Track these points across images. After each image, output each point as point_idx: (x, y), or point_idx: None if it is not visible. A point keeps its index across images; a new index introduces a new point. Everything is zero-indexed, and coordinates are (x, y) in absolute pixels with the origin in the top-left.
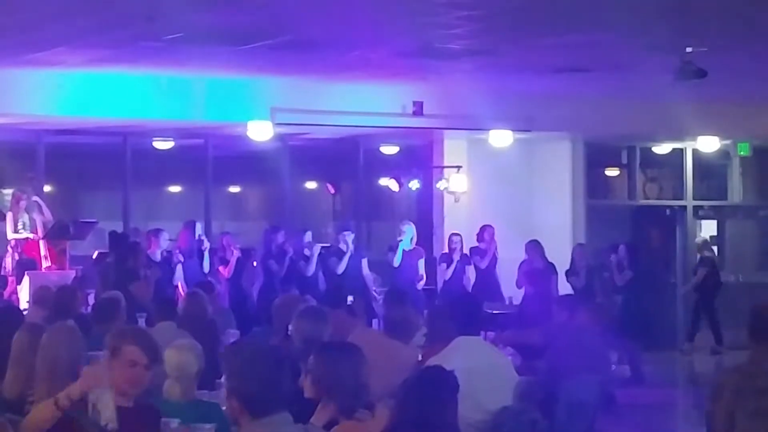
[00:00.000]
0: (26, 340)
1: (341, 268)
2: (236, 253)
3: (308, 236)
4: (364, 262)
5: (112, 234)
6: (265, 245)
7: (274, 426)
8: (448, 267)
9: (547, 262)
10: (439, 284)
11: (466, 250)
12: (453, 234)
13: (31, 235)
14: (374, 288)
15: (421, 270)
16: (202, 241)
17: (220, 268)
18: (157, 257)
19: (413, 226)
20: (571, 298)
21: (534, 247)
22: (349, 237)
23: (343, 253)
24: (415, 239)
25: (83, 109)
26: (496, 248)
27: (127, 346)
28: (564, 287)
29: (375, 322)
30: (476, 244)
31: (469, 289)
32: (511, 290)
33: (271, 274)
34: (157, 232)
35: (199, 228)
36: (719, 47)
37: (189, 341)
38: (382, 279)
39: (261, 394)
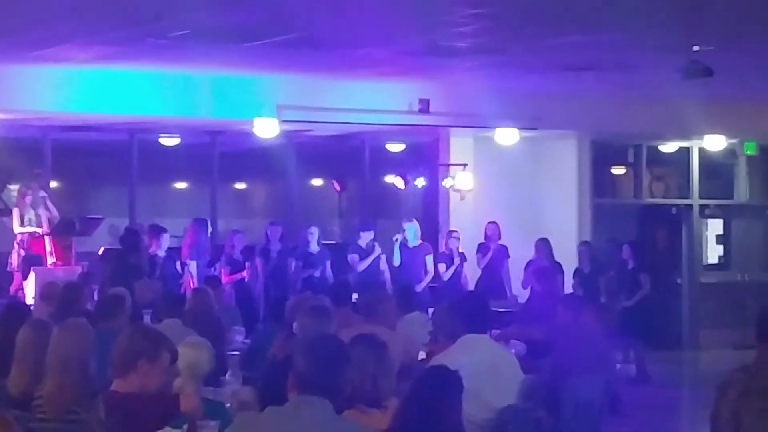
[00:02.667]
0: (31, 336)
1: (363, 267)
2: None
3: (314, 232)
4: (383, 258)
5: (125, 232)
6: (265, 242)
7: (313, 406)
8: (448, 267)
9: (554, 262)
10: (440, 283)
11: (462, 248)
12: (451, 231)
13: (38, 230)
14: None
15: (429, 266)
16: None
17: (249, 267)
18: (161, 255)
19: (416, 223)
20: (576, 297)
21: (543, 245)
22: (370, 235)
23: (366, 251)
24: (419, 235)
25: (90, 105)
26: (496, 245)
27: (164, 352)
28: (570, 286)
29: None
30: (482, 241)
31: (468, 286)
32: (519, 288)
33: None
34: (158, 233)
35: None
36: (726, 46)
37: (201, 339)
38: None
39: (310, 373)
